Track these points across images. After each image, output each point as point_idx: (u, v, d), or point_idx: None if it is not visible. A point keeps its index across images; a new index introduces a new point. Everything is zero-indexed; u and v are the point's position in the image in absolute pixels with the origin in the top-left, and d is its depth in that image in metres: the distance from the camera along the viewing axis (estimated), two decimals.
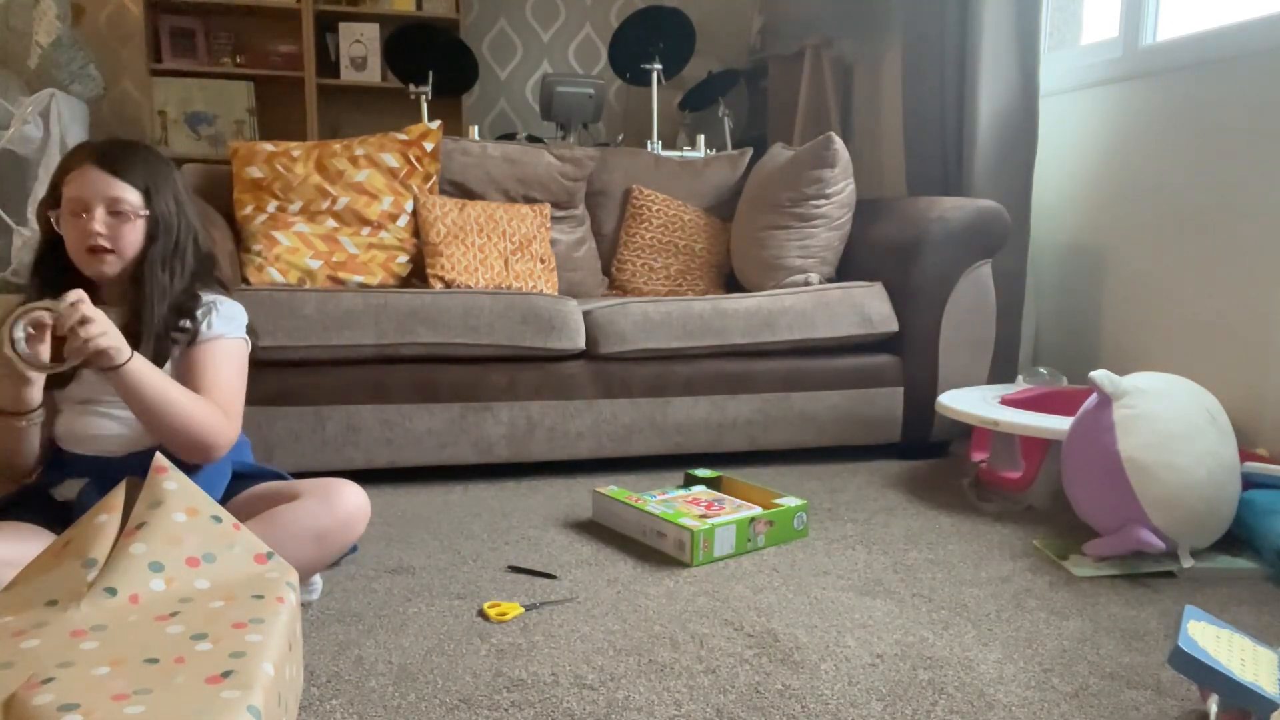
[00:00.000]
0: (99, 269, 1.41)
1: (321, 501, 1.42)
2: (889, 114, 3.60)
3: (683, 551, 1.71)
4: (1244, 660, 1.12)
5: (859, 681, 1.25)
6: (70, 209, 1.38)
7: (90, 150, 1.41)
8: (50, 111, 3.15)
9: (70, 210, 1.39)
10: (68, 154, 1.43)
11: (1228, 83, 2.25)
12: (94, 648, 0.92)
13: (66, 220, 1.39)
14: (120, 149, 1.43)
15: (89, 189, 1.39)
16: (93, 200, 1.38)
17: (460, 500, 2.10)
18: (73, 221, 1.39)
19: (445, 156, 2.74)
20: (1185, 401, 1.69)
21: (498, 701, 1.19)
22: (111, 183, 1.40)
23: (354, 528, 1.46)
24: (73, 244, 1.40)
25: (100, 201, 1.39)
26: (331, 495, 1.44)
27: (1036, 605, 1.52)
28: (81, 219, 1.38)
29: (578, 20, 4.47)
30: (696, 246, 2.90)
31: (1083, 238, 2.75)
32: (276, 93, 4.01)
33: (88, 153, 1.41)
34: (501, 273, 2.57)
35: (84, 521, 1.08)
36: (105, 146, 1.42)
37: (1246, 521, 1.72)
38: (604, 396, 2.28)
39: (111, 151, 1.41)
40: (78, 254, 1.40)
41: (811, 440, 2.44)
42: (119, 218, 1.40)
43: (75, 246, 1.40)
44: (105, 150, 1.41)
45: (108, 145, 1.43)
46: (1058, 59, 2.91)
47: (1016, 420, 1.98)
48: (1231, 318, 2.25)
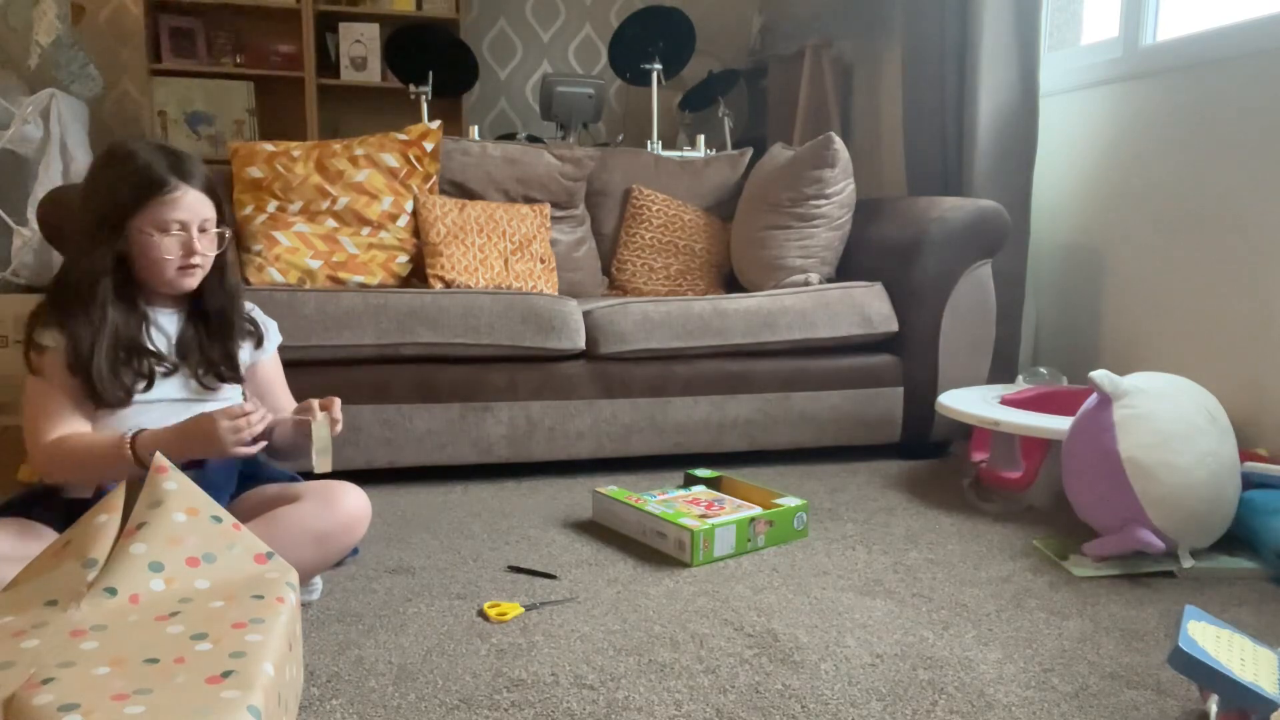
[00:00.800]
0: (187, 284, 1.44)
1: (322, 504, 1.42)
2: (889, 114, 3.60)
3: (683, 551, 1.71)
4: (1244, 660, 1.12)
5: (859, 681, 1.25)
6: (164, 228, 1.39)
7: (185, 170, 1.40)
8: (50, 111, 3.15)
9: (163, 229, 1.39)
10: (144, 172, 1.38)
11: (1228, 83, 2.25)
12: (94, 648, 0.92)
13: (157, 238, 1.38)
14: (196, 165, 1.43)
15: (190, 210, 1.40)
16: (193, 221, 1.41)
17: (460, 500, 2.10)
18: (165, 240, 1.39)
19: (445, 156, 2.74)
20: (1185, 401, 1.69)
21: (498, 701, 1.19)
22: (207, 203, 1.43)
23: (354, 531, 1.46)
24: (163, 261, 1.40)
25: (198, 221, 1.41)
26: (332, 498, 1.44)
27: (1036, 605, 1.52)
28: (179, 237, 1.40)
29: (578, 20, 4.47)
30: (696, 246, 2.90)
31: (1083, 238, 2.75)
32: (276, 93, 4.01)
33: (184, 173, 1.40)
34: (501, 273, 2.57)
35: (84, 521, 1.08)
36: (186, 163, 1.42)
37: (1246, 521, 1.72)
38: (604, 396, 2.28)
39: (194, 169, 1.42)
40: (168, 269, 1.41)
41: (811, 440, 2.44)
42: (206, 235, 1.44)
43: (167, 262, 1.40)
44: (189, 168, 1.41)
45: (186, 160, 1.42)
46: (1058, 59, 2.91)
47: (1016, 420, 1.98)
48: (1231, 318, 2.25)
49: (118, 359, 1.40)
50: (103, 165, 1.41)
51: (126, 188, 1.37)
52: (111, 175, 1.39)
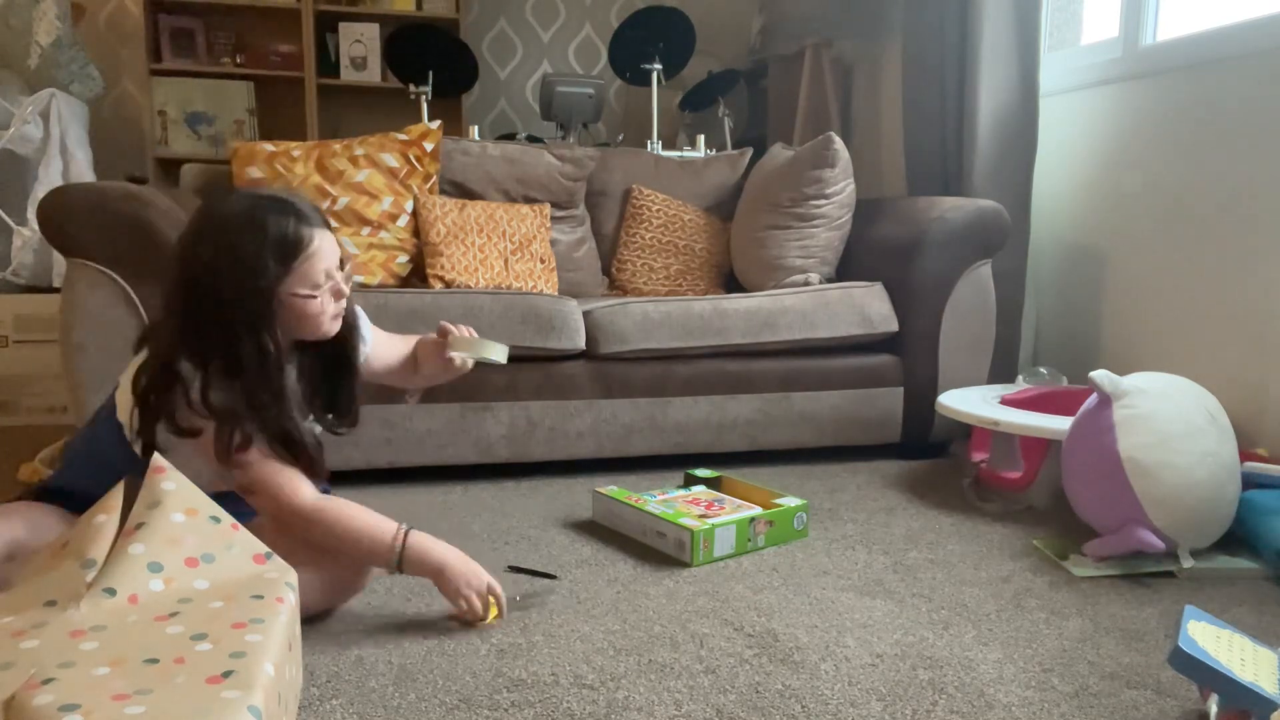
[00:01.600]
0: (337, 326, 1.39)
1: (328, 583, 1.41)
2: (889, 114, 3.60)
3: (683, 551, 1.71)
4: (1244, 660, 1.12)
5: (859, 681, 1.25)
6: (315, 283, 1.31)
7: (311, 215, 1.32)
8: (50, 111, 3.15)
9: (315, 284, 1.30)
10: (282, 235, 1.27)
11: (1228, 83, 2.25)
12: (94, 648, 0.92)
13: (311, 297, 1.30)
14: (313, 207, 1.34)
15: (331, 256, 1.33)
16: (334, 266, 1.34)
17: (460, 500, 2.10)
18: (323, 296, 1.32)
19: (445, 156, 2.74)
20: (1185, 401, 1.69)
21: (498, 701, 1.19)
22: (334, 241, 1.35)
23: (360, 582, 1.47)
24: (319, 314, 1.33)
25: (337, 264, 1.35)
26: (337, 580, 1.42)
27: (1036, 605, 1.52)
28: (329, 286, 1.33)
29: (578, 20, 4.47)
30: (696, 246, 2.89)
31: (1083, 238, 2.75)
32: (276, 93, 4.01)
33: (311, 219, 1.31)
34: (501, 273, 2.57)
35: (83, 522, 1.08)
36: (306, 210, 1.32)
37: (1246, 521, 1.72)
38: (604, 396, 2.28)
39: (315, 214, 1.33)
40: (324, 322, 1.34)
41: (811, 440, 2.44)
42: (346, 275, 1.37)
43: (328, 315, 1.34)
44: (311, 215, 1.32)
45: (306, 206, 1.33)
46: (1058, 59, 2.91)
47: (1016, 420, 1.98)
48: (1231, 317, 2.25)
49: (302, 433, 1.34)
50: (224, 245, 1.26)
51: (272, 259, 1.26)
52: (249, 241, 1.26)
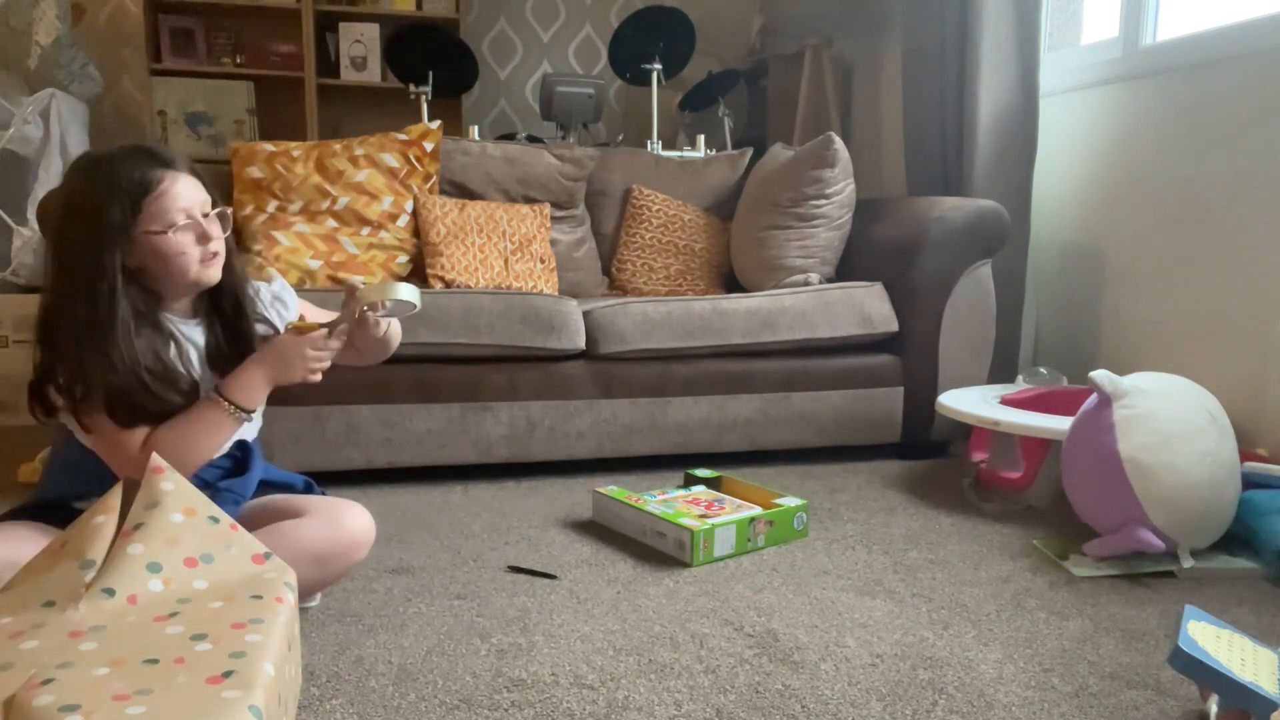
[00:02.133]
0: (212, 274, 1.37)
1: (326, 523, 1.40)
2: (889, 114, 3.60)
3: (683, 551, 1.71)
4: (1244, 660, 1.12)
5: (859, 681, 1.25)
6: (170, 221, 1.29)
7: (166, 159, 1.31)
8: (50, 111, 3.15)
9: (170, 223, 1.29)
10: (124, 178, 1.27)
11: (1228, 83, 2.25)
12: (93, 648, 0.92)
13: (174, 236, 1.29)
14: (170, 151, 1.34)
15: (189, 198, 1.32)
16: (195, 207, 1.32)
17: (460, 500, 2.10)
18: (180, 235, 1.30)
19: (445, 156, 2.74)
20: (1185, 401, 1.69)
21: (498, 701, 1.19)
22: (196, 184, 1.34)
23: (355, 553, 1.42)
24: (180, 254, 1.31)
25: (200, 206, 1.34)
26: (337, 517, 1.41)
27: (1036, 605, 1.52)
28: (189, 226, 1.31)
29: (578, 20, 4.47)
30: (696, 246, 2.89)
31: (1083, 238, 2.75)
32: (276, 93, 4.01)
33: (165, 162, 1.31)
34: (501, 273, 2.56)
35: (81, 522, 1.08)
36: (171, 153, 1.33)
37: (1246, 521, 1.72)
38: (604, 396, 2.28)
39: (170, 156, 1.33)
40: (190, 265, 1.33)
41: (811, 440, 2.44)
42: (210, 219, 1.35)
43: (186, 257, 1.32)
44: (165, 156, 1.32)
45: (159, 150, 1.32)
46: (1058, 59, 2.90)
47: (1016, 420, 1.98)
48: (1231, 318, 2.25)
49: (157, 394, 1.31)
50: (81, 182, 1.29)
51: (113, 200, 1.26)
52: (95, 189, 1.27)
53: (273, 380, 1.38)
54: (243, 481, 1.44)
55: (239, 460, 1.47)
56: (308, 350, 1.37)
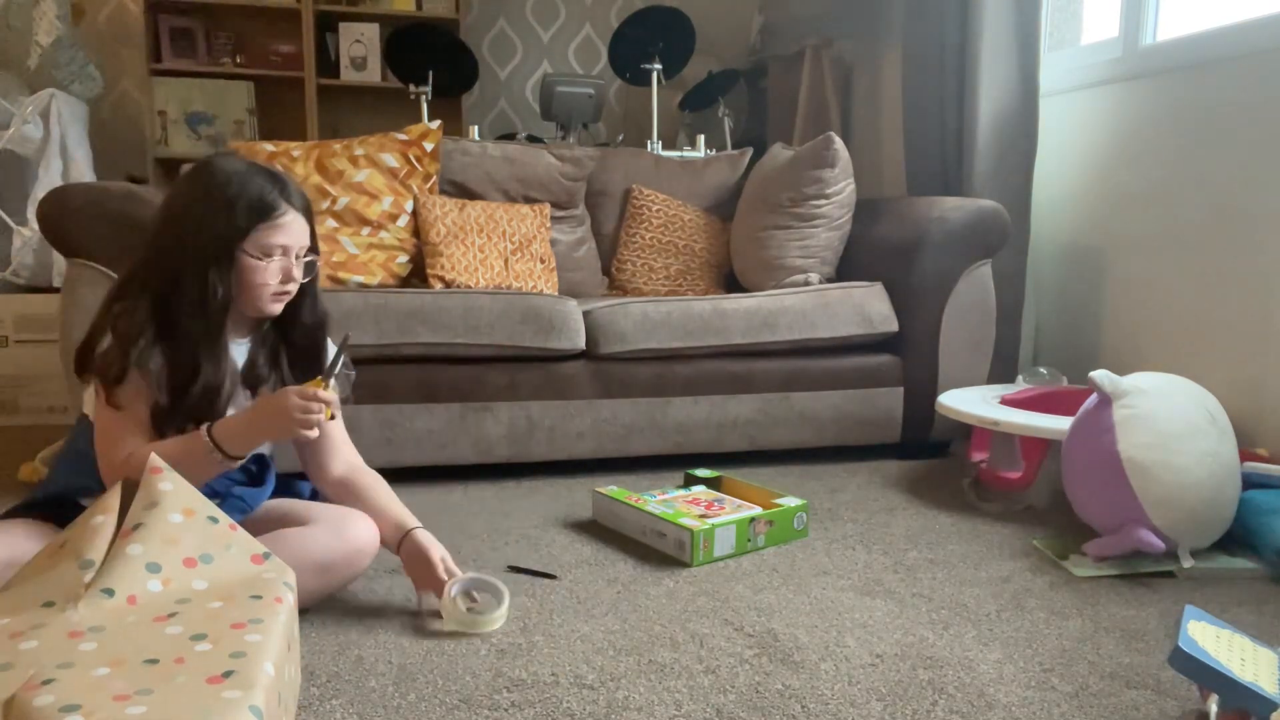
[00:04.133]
0: (275, 309, 1.42)
1: (331, 532, 1.40)
2: (889, 114, 3.60)
3: (683, 551, 1.71)
4: (1244, 660, 1.12)
5: (859, 681, 1.25)
6: (268, 251, 1.36)
7: (290, 194, 1.39)
8: (50, 111, 3.15)
9: (267, 253, 1.36)
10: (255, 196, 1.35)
11: (1228, 83, 2.25)
12: (93, 649, 0.92)
13: (260, 262, 1.36)
14: (299, 191, 1.41)
15: (294, 236, 1.38)
16: (294, 246, 1.39)
17: (460, 500, 2.10)
18: (268, 265, 1.37)
19: (445, 156, 2.74)
20: (1185, 401, 1.69)
21: (498, 701, 1.19)
22: (306, 228, 1.41)
23: (359, 563, 1.44)
24: (261, 284, 1.37)
25: (299, 247, 1.40)
26: (342, 526, 1.42)
27: (1036, 605, 1.52)
28: (280, 263, 1.38)
29: (578, 20, 4.47)
30: (696, 246, 2.89)
31: (1083, 238, 2.75)
32: (276, 93, 4.01)
33: (289, 197, 1.38)
34: (501, 273, 2.56)
35: (80, 522, 1.08)
36: (290, 187, 1.40)
37: (1246, 521, 1.72)
38: (604, 396, 2.28)
39: (300, 196, 1.40)
40: (264, 295, 1.38)
41: (811, 440, 2.44)
42: (299, 262, 1.41)
43: (265, 286, 1.38)
44: (295, 193, 1.39)
45: (292, 185, 1.40)
46: (1058, 59, 2.90)
47: (1016, 420, 1.98)
48: (1231, 318, 2.25)
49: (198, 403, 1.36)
50: (205, 187, 1.36)
51: (241, 211, 1.34)
52: (220, 198, 1.34)
53: (264, 433, 1.35)
54: (255, 493, 1.45)
55: (254, 475, 1.48)
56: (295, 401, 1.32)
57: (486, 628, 1.38)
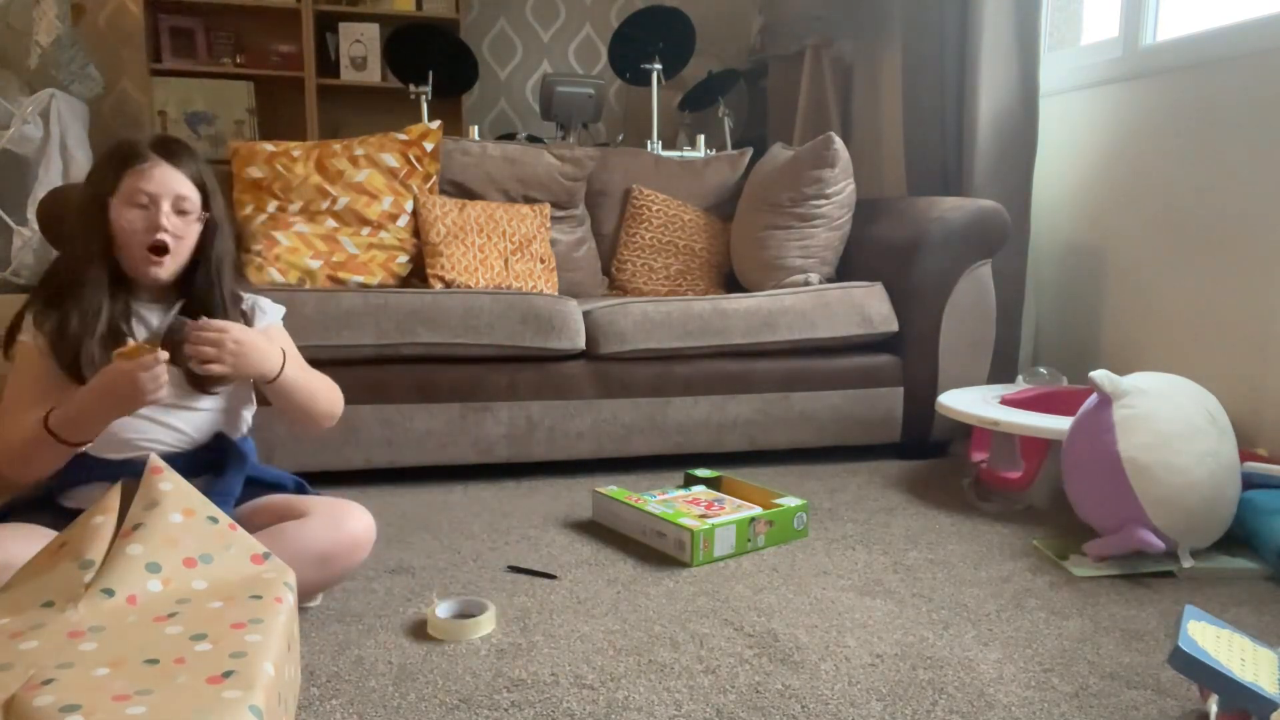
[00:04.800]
0: (153, 273, 1.39)
1: (328, 523, 1.40)
2: (889, 114, 3.60)
3: (683, 551, 1.71)
4: (1244, 660, 1.12)
5: (859, 681, 1.25)
6: (134, 200, 1.36)
7: (155, 145, 1.39)
8: (50, 111, 3.15)
9: (133, 202, 1.36)
10: (124, 146, 1.38)
11: (1228, 83, 2.25)
12: (93, 649, 0.92)
13: (125, 212, 1.36)
14: (181, 147, 1.42)
15: (158, 183, 1.37)
16: (161, 195, 1.37)
17: (460, 500, 2.10)
18: (135, 213, 1.36)
19: (445, 156, 2.74)
20: (1185, 401, 1.69)
21: (498, 701, 1.19)
22: (179, 179, 1.39)
23: (357, 553, 1.44)
24: (131, 238, 1.36)
25: (168, 197, 1.37)
26: (339, 518, 1.42)
27: (1036, 605, 1.52)
28: (147, 212, 1.36)
29: (578, 20, 4.47)
30: (696, 246, 2.89)
31: (1083, 238, 2.75)
32: (276, 93, 4.01)
33: (152, 146, 1.39)
34: (501, 273, 2.56)
35: (80, 522, 1.08)
36: (168, 142, 1.41)
37: (1246, 521, 1.72)
38: (604, 396, 2.28)
39: (175, 148, 1.40)
40: (133, 251, 1.37)
41: (811, 440, 2.44)
42: (183, 217, 1.39)
43: (133, 241, 1.36)
44: (169, 146, 1.40)
45: (170, 141, 1.41)
46: (1058, 59, 2.90)
47: (1016, 420, 1.98)
48: (1231, 318, 2.25)
49: (104, 347, 1.35)
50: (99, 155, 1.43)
51: (109, 164, 1.38)
52: (100, 159, 1.41)
53: (105, 409, 1.30)
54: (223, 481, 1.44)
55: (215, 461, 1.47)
56: (139, 376, 1.26)
57: (473, 634, 1.38)
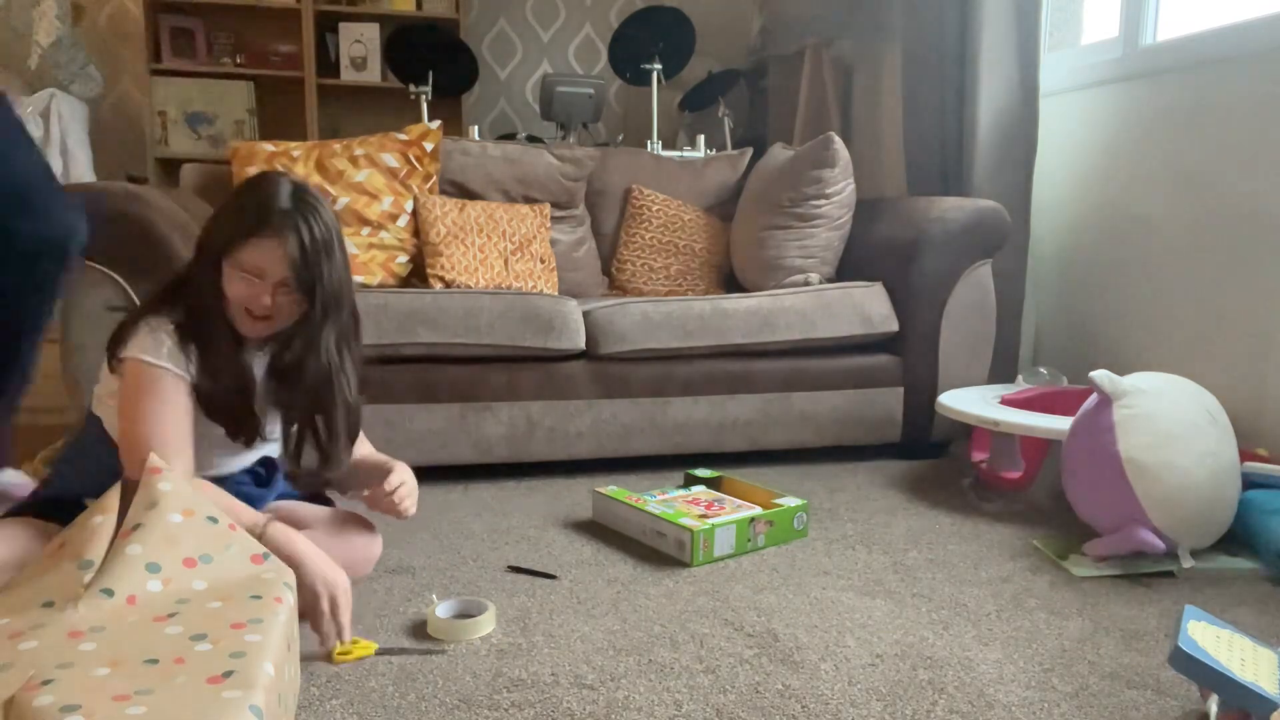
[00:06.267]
0: (248, 329, 1.38)
1: (334, 537, 1.41)
2: (889, 114, 3.60)
3: (683, 551, 1.71)
4: (1244, 660, 1.12)
5: (859, 681, 1.25)
6: (245, 269, 1.33)
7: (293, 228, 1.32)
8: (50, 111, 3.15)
9: (244, 269, 1.33)
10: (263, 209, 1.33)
11: (1228, 83, 2.25)
12: (93, 649, 0.92)
13: (236, 275, 1.33)
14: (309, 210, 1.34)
15: (270, 264, 1.32)
16: (268, 273, 1.33)
17: (460, 500, 2.10)
18: (243, 280, 1.33)
19: (445, 156, 2.74)
20: (1185, 401, 1.69)
21: (498, 701, 1.19)
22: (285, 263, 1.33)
23: (362, 568, 1.45)
24: (235, 300, 1.35)
25: (274, 279, 1.34)
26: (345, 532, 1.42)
27: (1036, 605, 1.52)
28: (253, 283, 1.33)
29: (578, 20, 4.47)
30: (696, 246, 2.89)
31: (1083, 238, 2.75)
32: (276, 93, 4.01)
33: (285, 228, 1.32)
34: (501, 273, 2.56)
35: (80, 522, 1.08)
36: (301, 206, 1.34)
37: (1246, 521, 1.72)
38: (604, 396, 2.28)
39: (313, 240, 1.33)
40: (237, 310, 1.36)
41: (811, 440, 2.44)
42: (283, 293, 1.36)
43: (237, 303, 1.35)
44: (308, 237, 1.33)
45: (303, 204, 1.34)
46: (1058, 59, 2.90)
47: (1016, 420, 1.98)
48: (1231, 318, 2.25)
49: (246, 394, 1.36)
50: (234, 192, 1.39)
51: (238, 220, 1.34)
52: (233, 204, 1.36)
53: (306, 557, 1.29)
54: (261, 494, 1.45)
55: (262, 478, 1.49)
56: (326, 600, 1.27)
57: (473, 634, 1.38)
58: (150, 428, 1.28)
